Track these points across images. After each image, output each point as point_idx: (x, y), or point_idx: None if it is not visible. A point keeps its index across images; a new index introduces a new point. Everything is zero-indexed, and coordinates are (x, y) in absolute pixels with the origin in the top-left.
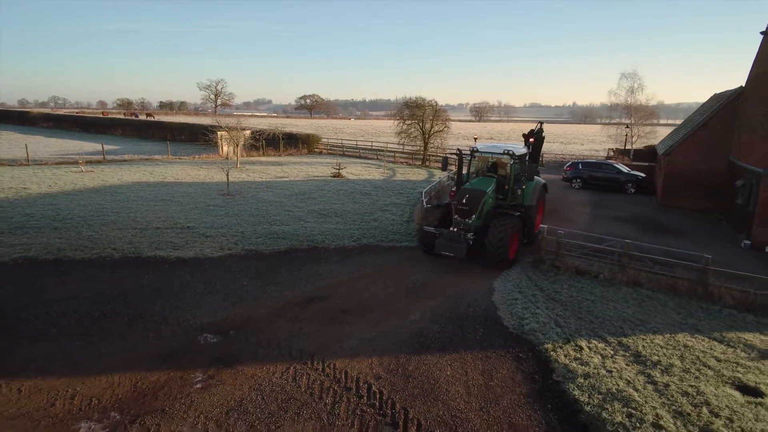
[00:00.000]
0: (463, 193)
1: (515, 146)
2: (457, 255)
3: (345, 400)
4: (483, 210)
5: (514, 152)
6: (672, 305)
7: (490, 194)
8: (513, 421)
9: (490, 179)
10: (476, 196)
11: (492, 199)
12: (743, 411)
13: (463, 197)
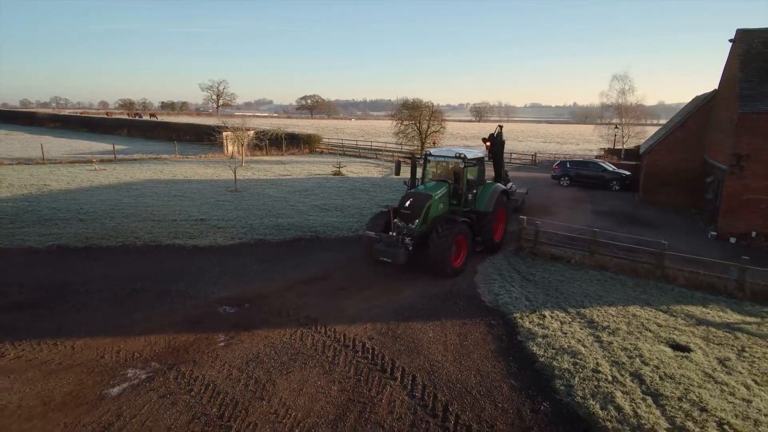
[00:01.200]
0: (407, 197)
1: (471, 150)
2: (395, 261)
3: (343, 354)
4: (429, 215)
5: (466, 156)
6: (631, 284)
7: (438, 199)
8: (480, 368)
9: (442, 184)
10: (420, 200)
11: (443, 205)
12: (670, 361)
13: (406, 201)
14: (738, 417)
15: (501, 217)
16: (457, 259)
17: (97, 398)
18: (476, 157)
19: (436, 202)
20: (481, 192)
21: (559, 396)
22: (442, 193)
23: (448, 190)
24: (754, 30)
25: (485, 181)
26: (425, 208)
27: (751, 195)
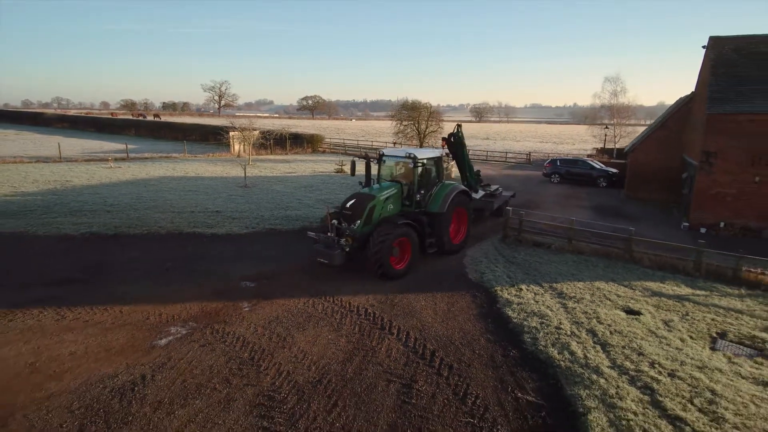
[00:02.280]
0: (351, 198)
1: (426, 150)
2: (330, 262)
3: (349, 317)
4: (373, 216)
5: (416, 156)
6: (602, 266)
7: (384, 200)
8: (463, 327)
9: (393, 184)
10: (362, 201)
11: (393, 206)
12: (621, 322)
13: (348, 202)
14: (668, 359)
15: (462, 218)
16: (401, 262)
17: (149, 347)
18: (428, 157)
19: (381, 203)
20: (435, 193)
21: (526, 346)
22: (391, 193)
23: (398, 191)
24: (725, 37)
25: (442, 181)
26: (367, 209)
27: (719, 189)
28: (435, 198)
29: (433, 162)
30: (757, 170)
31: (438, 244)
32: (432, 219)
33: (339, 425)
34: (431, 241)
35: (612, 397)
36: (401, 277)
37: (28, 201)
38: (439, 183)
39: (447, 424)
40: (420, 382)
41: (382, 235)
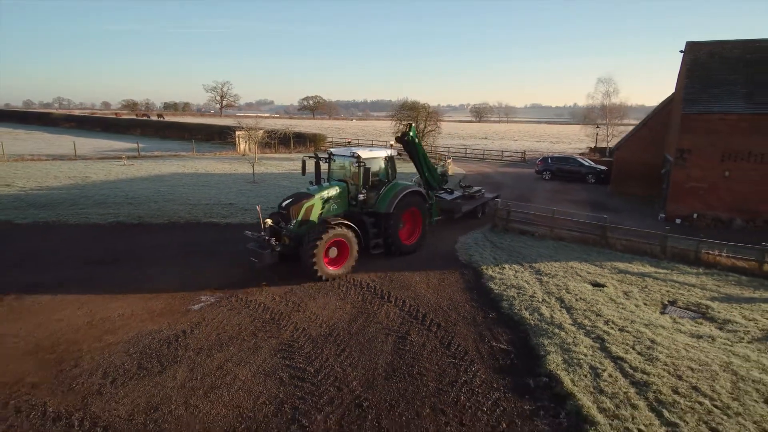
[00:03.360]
0: (289, 197)
1: (376, 150)
2: (260, 261)
3: (353, 289)
4: (310, 215)
5: (360, 156)
6: (578, 250)
7: (324, 199)
8: (451, 296)
9: (339, 184)
10: (299, 200)
11: (337, 205)
12: (587, 292)
13: (284, 201)
14: (620, 319)
15: (417, 220)
16: (338, 263)
17: (185, 311)
18: (374, 157)
19: (320, 203)
20: (383, 193)
21: (503, 310)
22: (333, 193)
23: (343, 191)
24: (701, 42)
25: (393, 181)
26: (303, 208)
27: (692, 183)
28: (382, 198)
29: (381, 162)
30: (726, 166)
31: (386, 244)
32: (379, 219)
33: (347, 364)
34: (377, 242)
35: (568, 344)
36: (335, 279)
37: (55, 194)
38: (388, 183)
39: (433, 363)
40: (413, 335)
41: (315, 235)
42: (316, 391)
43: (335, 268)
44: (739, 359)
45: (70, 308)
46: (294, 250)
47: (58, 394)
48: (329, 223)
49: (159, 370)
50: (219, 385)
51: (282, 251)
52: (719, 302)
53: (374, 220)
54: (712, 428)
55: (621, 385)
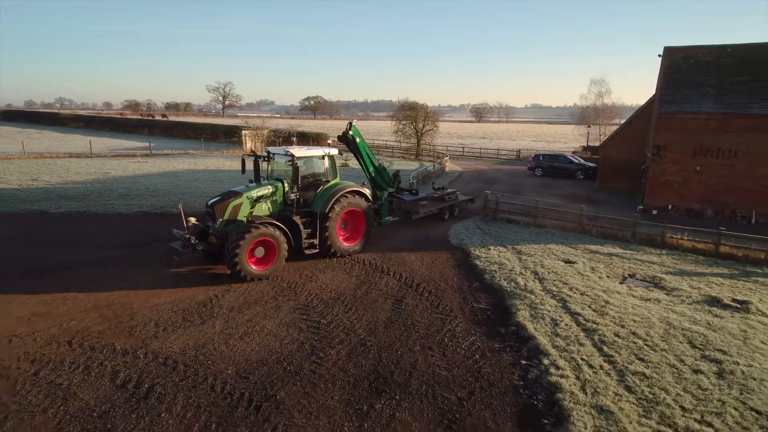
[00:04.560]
0: (217, 196)
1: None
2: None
3: (357, 265)
4: (238, 214)
5: (294, 154)
6: (557, 235)
7: (254, 199)
8: (442, 271)
9: (273, 183)
10: (226, 199)
11: (269, 205)
12: (559, 267)
13: (211, 200)
14: (583, 286)
15: (358, 220)
16: (265, 263)
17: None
18: (308, 156)
19: (248, 202)
20: (320, 192)
21: (485, 280)
22: (265, 192)
23: (278, 190)
24: (677, 47)
25: (332, 181)
26: (230, 207)
27: (667, 177)
28: (319, 198)
29: (317, 160)
30: (698, 161)
31: (322, 245)
32: (314, 219)
33: (353, 318)
34: (312, 242)
35: (536, 304)
36: (262, 279)
37: (80, 188)
38: (326, 182)
39: (424, 317)
40: (408, 299)
41: (237, 235)
42: (329, 336)
43: (261, 267)
44: (675, 315)
45: (115, 278)
46: (220, 249)
47: (122, 337)
48: (254, 222)
49: (200, 322)
50: (250, 332)
51: (208, 250)
52: (673, 275)
53: (309, 220)
54: (639, 358)
55: (573, 331)
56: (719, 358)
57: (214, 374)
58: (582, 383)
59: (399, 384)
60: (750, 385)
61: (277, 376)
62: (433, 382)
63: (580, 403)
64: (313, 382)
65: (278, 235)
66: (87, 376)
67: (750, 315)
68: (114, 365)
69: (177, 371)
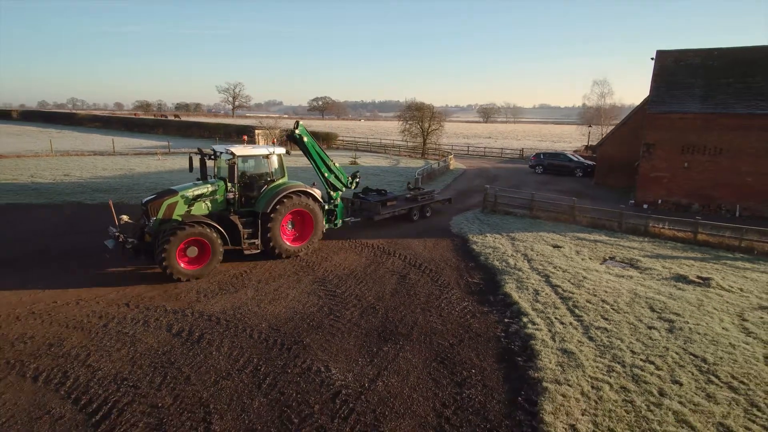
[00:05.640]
0: (154, 194)
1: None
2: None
3: (367, 248)
4: (173, 212)
5: (234, 153)
6: (550, 225)
7: (190, 198)
8: (443, 254)
9: (214, 182)
10: (161, 197)
11: (208, 204)
12: (547, 251)
13: (146, 198)
14: (566, 265)
15: (306, 221)
16: (199, 263)
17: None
18: (250, 155)
19: (183, 201)
20: (264, 192)
21: (480, 261)
22: (203, 191)
23: (219, 189)
24: (668, 51)
25: (278, 180)
26: (164, 205)
27: (657, 173)
28: (262, 197)
29: (261, 159)
30: (685, 158)
31: (264, 245)
32: (256, 219)
33: (364, 289)
34: (253, 242)
35: (522, 279)
36: (195, 279)
37: (110, 182)
38: (271, 182)
39: (425, 289)
40: (411, 275)
41: (166, 234)
42: (343, 301)
43: (194, 267)
44: (643, 287)
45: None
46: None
47: (170, 301)
48: (185, 222)
49: (234, 290)
50: (277, 298)
51: (142, 248)
52: (649, 258)
53: (251, 220)
54: (604, 318)
55: (552, 298)
56: (672, 318)
57: (250, 327)
58: (552, 334)
59: (402, 334)
60: (694, 337)
61: (302, 329)
62: (431, 333)
63: (548, 347)
64: (332, 333)
65: (211, 235)
66: (147, 328)
67: (710, 289)
68: (168, 320)
69: (220, 324)
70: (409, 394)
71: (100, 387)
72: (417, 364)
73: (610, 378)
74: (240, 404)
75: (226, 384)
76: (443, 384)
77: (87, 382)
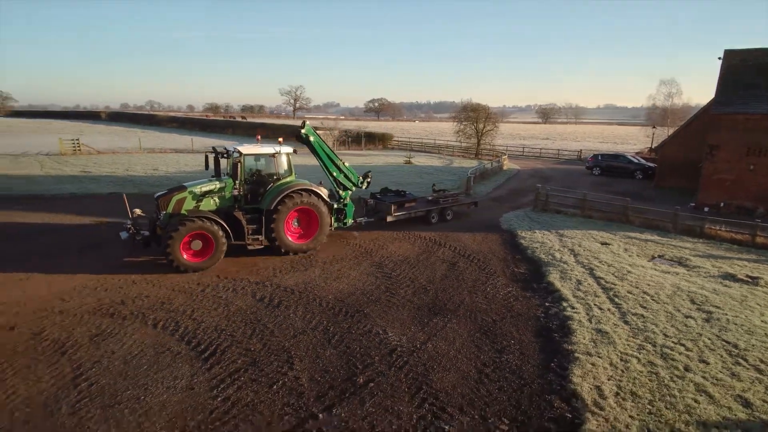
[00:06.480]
0: (168, 189)
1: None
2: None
3: (420, 240)
4: (182, 207)
5: (242, 152)
6: (601, 224)
7: (199, 193)
8: (491, 247)
9: (222, 179)
10: (170, 192)
11: (216, 199)
12: (594, 247)
13: (159, 192)
14: (612, 260)
15: (312, 219)
16: (203, 256)
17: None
18: (256, 153)
19: (191, 196)
20: (270, 189)
21: (527, 254)
22: (211, 188)
23: (226, 186)
24: (736, 50)
25: (284, 178)
26: (173, 200)
27: (720, 175)
28: (267, 195)
29: (267, 158)
30: (751, 160)
31: (269, 241)
32: (260, 215)
33: (417, 273)
34: (257, 238)
35: (567, 270)
36: (198, 270)
37: (196, 176)
38: (276, 180)
39: (472, 275)
40: (460, 263)
41: (171, 228)
42: (398, 282)
43: (198, 260)
44: (687, 283)
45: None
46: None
47: (252, 275)
48: (189, 216)
49: (304, 269)
50: (340, 277)
51: (153, 239)
52: (699, 257)
53: (255, 216)
54: (642, 306)
55: (593, 288)
56: (712, 310)
57: (319, 297)
58: (589, 317)
59: (450, 310)
60: (729, 327)
61: (363, 301)
62: (476, 311)
63: (584, 327)
64: (389, 306)
65: (215, 229)
66: (236, 294)
67: (757, 287)
68: (252, 289)
69: (294, 294)
70: (454, 355)
71: (205, 334)
72: (462, 333)
73: (639, 354)
74: (315, 353)
75: (303, 338)
76: (485, 350)
77: (194, 330)
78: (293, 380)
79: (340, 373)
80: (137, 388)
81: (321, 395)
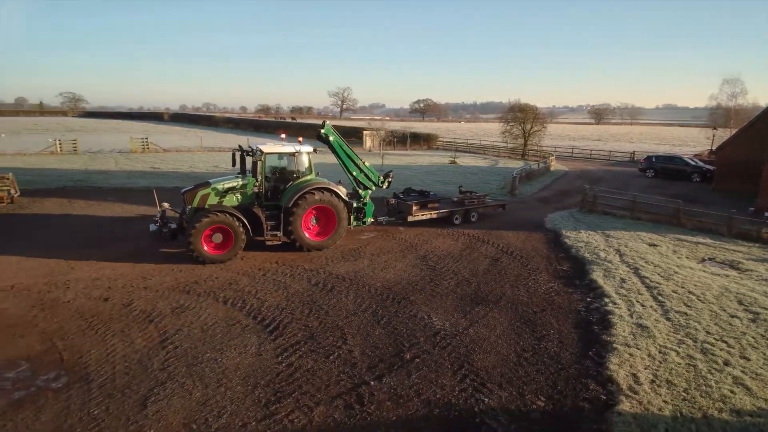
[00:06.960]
0: (193, 185)
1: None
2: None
3: (463, 237)
4: (206, 202)
5: (262, 151)
6: (650, 226)
7: (222, 189)
8: (534, 245)
9: (246, 177)
10: (195, 188)
11: (239, 196)
12: (642, 248)
13: (186, 188)
14: (659, 261)
15: (330, 217)
16: (223, 248)
17: (357, 239)
18: (277, 152)
19: (214, 192)
20: (289, 187)
21: (571, 253)
22: (233, 184)
23: (248, 183)
24: None
25: (304, 177)
26: (198, 196)
27: None
28: (286, 193)
29: (287, 157)
30: None
31: (287, 237)
32: (279, 212)
33: (459, 267)
34: (275, 234)
35: (611, 269)
36: (218, 263)
37: None
38: (296, 178)
39: (515, 270)
40: (502, 259)
41: (193, 222)
42: (442, 274)
43: (218, 252)
44: (737, 285)
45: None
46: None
47: (306, 263)
48: (210, 211)
49: (353, 259)
50: (387, 267)
51: (179, 232)
52: (753, 261)
53: (274, 213)
54: (686, 305)
55: (637, 286)
56: (759, 311)
57: (368, 285)
58: (631, 312)
59: (492, 301)
60: None
61: (408, 290)
62: (517, 302)
63: (624, 321)
64: (433, 295)
65: (234, 224)
66: (293, 279)
67: None
68: (307, 275)
69: (345, 281)
70: (495, 340)
71: (269, 311)
72: (503, 322)
73: (678, 348)
74: (365, 331)
75: (354, 318)
76: (524, 337)
77: (259, 307)
78: (347, 353)
79: (389, 350)
80: (215, 351)
81: (372, 366)
